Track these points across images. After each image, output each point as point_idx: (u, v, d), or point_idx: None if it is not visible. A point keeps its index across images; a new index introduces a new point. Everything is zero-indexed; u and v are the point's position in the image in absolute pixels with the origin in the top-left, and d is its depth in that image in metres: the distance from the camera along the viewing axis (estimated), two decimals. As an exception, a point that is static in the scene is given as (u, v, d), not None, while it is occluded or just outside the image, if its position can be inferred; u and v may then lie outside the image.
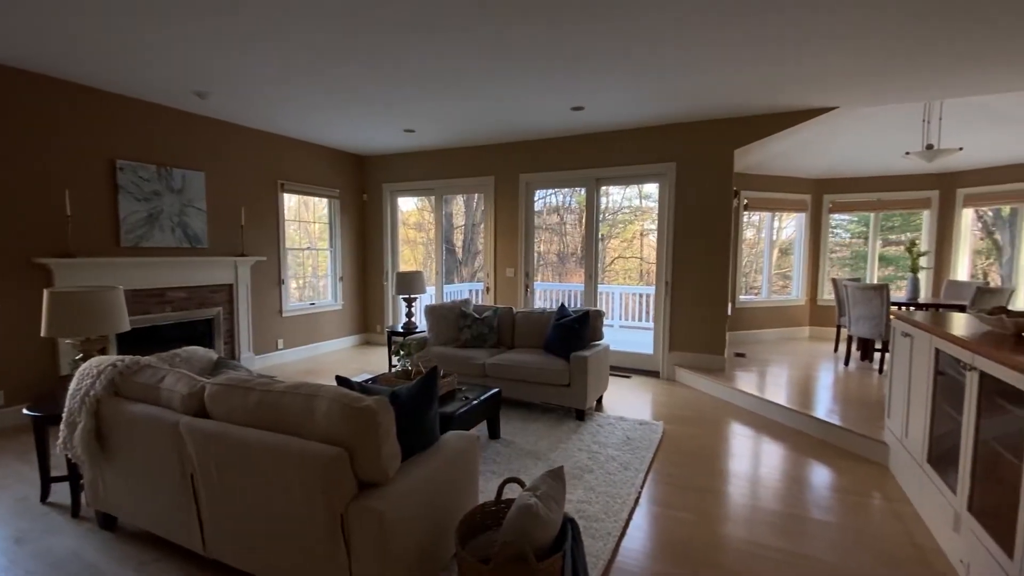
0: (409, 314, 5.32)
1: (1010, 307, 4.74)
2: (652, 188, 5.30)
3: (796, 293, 7.02)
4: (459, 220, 13.26)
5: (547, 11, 2.74)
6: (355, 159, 6.79)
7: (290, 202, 6.19)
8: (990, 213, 6.39)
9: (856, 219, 7.27)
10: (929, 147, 4.59)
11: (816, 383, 4.61)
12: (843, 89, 4.00)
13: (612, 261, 12.73)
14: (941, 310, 4.32)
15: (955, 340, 2.17)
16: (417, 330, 5.18)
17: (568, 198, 11.52)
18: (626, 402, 4.44)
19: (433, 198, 6.58)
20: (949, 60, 3.38)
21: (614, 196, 12.03)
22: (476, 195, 8.33)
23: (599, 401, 4.35)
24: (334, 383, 2.06)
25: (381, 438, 1.60)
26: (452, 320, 4.55)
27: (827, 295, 6.89)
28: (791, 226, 7.37)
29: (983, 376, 1.95)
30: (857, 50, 3.23)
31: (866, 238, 7.04)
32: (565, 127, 5.23)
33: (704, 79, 3.80)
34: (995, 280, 6.27)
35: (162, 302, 4.62)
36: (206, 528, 1.96)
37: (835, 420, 3.57)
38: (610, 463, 3.10)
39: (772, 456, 3.33)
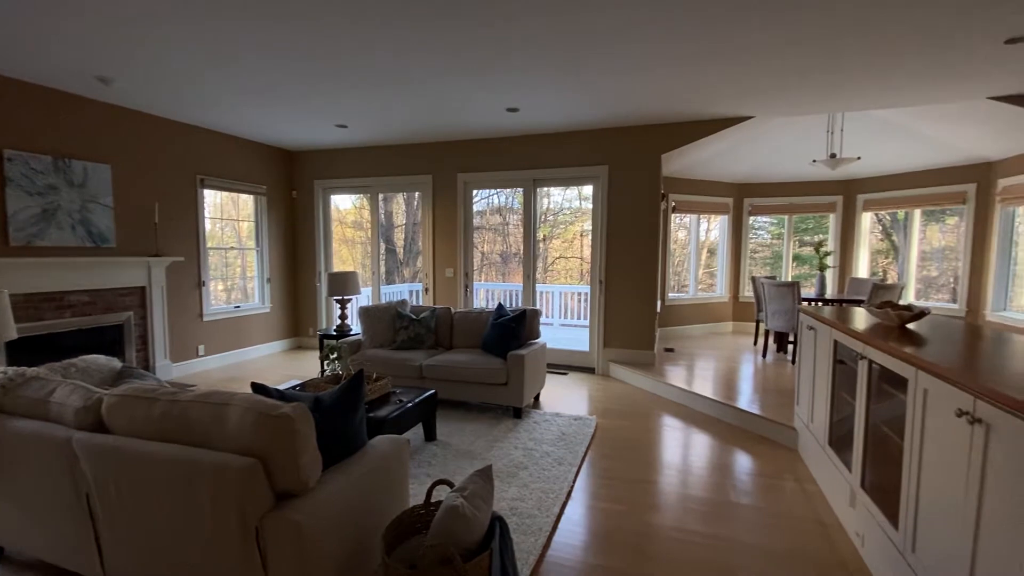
0: (342, 316, 5.14)
1: (900, 301, 5.28)
2: (590, 190, 5.44)
3: (720, 291, 7.47)
4: (400, 219, 13.01)
5: (478, 9, 2.73)
6: (284, 154, 6.47)
7: (216, 198, 5.81)
8: (888, 217, 7.09)
9: (775, 221, 7.83)
10: (832, 156, 5.03)
11: (737, 375, 4.92)
12: (758, 100, 4.28)
13: (554, 261, 12.96)
14: (844, 305, 4.73)
15: (849, 332, 2.38)
16: (351, 333, 5.02)
17: (511, 199, 11.61)
18: (562, 398, 4.53)
19: (368, 196, 6.39)
20: (849, 77, 3.71)
21: (555, 197, 12.26)
22: (417, 193, 8.21)
23: (536, 398, 4.42)
24: (277, 389, 1.95)
25: (299, 446, 1.53)
26: (388, 322, 4.44)
27: (747, 292, 7.38)
28: (719, 227, 7.82)
29: (872, 364, 2.16)
30: (770, 65, 3.47)
31: (783, 239, 7.60)
32: (502, 128, 5.26)
33: (631, 86, 3.94)
34: (893, 277, 6.96)
35: (61, 307, 4.19)
36: (106, 552, 1.79)
37: (753, 409, 3.82)
38: (544, 459, 3.14)
39: (697, 445, 3.51)
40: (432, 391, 3.41)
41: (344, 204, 11.84)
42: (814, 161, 5.37)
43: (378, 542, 1.89)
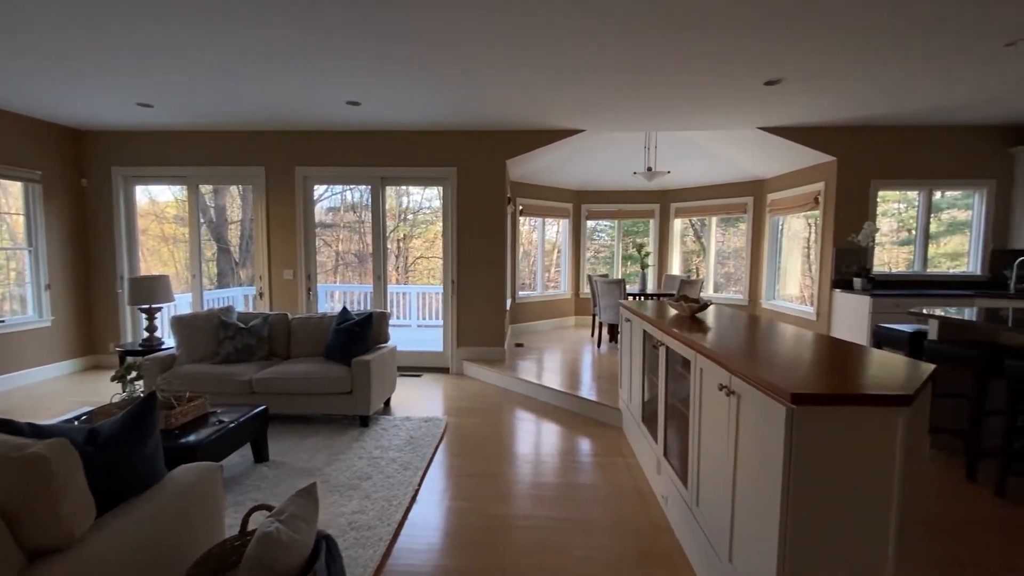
0: (150, 328, 4.41)
1: (701, 294, 6.24)
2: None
3: (564, 288, 8.08)
4: (236, 214, 11.62)
5: (302, -5, 2.55)
6: (68, 133, 5.32)
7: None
8: (699, 222, 8.34)
9: (612, 225, 8.71)
10: (649, 169, 5.77)
11: (576, 365, 5.37)
12: (586, 115, 4.71)
13: (415, 260, 12.71)
14: (659, 299, 5.45)
15: (652, 322, 2.75)
16: (162, 347, 4.33)
17: (366, 195, 11.12)
18: (414, 401, 4.48)
19: (187, 188, 5.57)
20: (650, 105, 4.28)
21: (415, 196, 12.04)
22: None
23: (387, 404, 4.30)
24: (32, 424, 1.55)
25: (57, 492, 1.26)
26: (209, 332, 3.92)
27: (586, 289, 8.10)
28: (562, 230, 8.45)
29: (669, 350, 2.52)
30: (592, 85, 3.84)
31: (616, 241, 8.49)
32: (345, 121, 4.99)
33: (469, 91, 4.04)
34: (704, 274, 8.21)
35: None
36: None
37: (589, 396, 4.20)
38: (391, 466, 3.07)
39: (541, 434, 3.74)
40: (262, 407, 3.10)
41: (163, 196, 10.23)
42: (635, 173, 6.10)
43: (181, 587, 1.66)
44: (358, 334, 3.85)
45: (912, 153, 5.16)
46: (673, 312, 3.02)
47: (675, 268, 7.99)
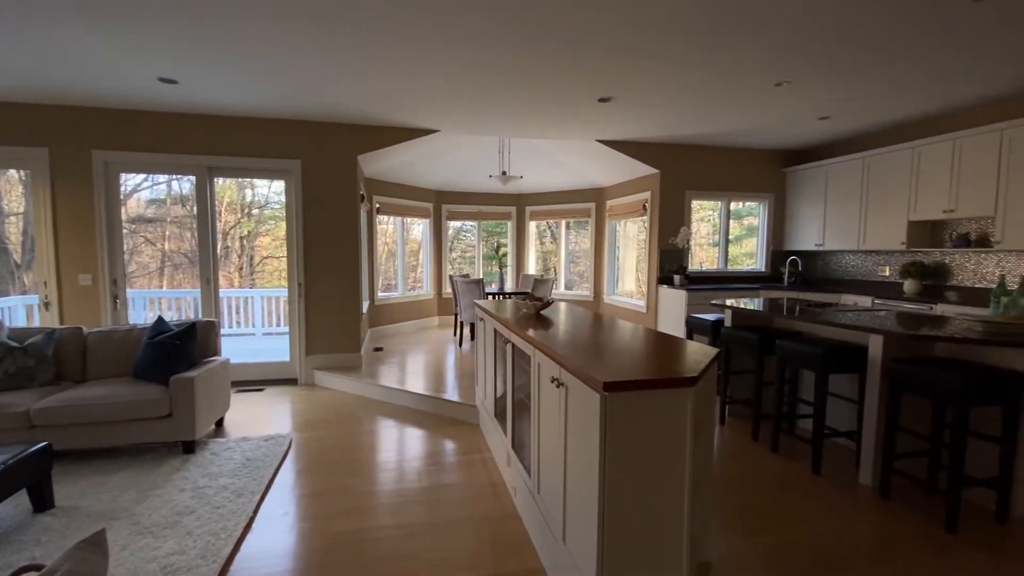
0: None
1: (553, 291, 6.65)
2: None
3: (426, 288, 8.01)
4: (17, 205, 9.32)
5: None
6: None
7: None
8: (554, 224, 8.86)
9: (476, 225, 8.85)
10: (503, 173, 5.98)
11: (439, 366, 5.35)
12: (438, 116, 4.72)
13: (261, 261, 11.47)
14: (515, 297, 5.69)
15: (500, 320, 2.86)
16: None
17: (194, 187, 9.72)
18: (254, 419, 4.05)
19: (-74, 171, 4.31)
20: (500, 109, 4.45)
21: (261, 189, 10.86)
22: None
23: (219, 424, 3.83)
24: None
25: None
26: (-38, 355, 3.09)
27: (448, 289, 8.13)
28: (422, 230, 8.34)
29: (514, 346, 2.64)
30: (446, 86, 3.86)
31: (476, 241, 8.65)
32: (158, 100, 4.30)
33: (312, 80, 3.78)
34: (558, 273, 8.74)
35: None
36: None
37: (449, 396, 4.20)
38: (220, 495, 2.73)
39: (399, 440, 3.64)
40: (44, 443, 2.53)
41: None
42: (491, 176, 6.28)
43: None
44: (177, 347, 3.35)
45: (717, 169, 6.13)
46: (521, 310, 3.17)
47: (531, 267, 8.42)
